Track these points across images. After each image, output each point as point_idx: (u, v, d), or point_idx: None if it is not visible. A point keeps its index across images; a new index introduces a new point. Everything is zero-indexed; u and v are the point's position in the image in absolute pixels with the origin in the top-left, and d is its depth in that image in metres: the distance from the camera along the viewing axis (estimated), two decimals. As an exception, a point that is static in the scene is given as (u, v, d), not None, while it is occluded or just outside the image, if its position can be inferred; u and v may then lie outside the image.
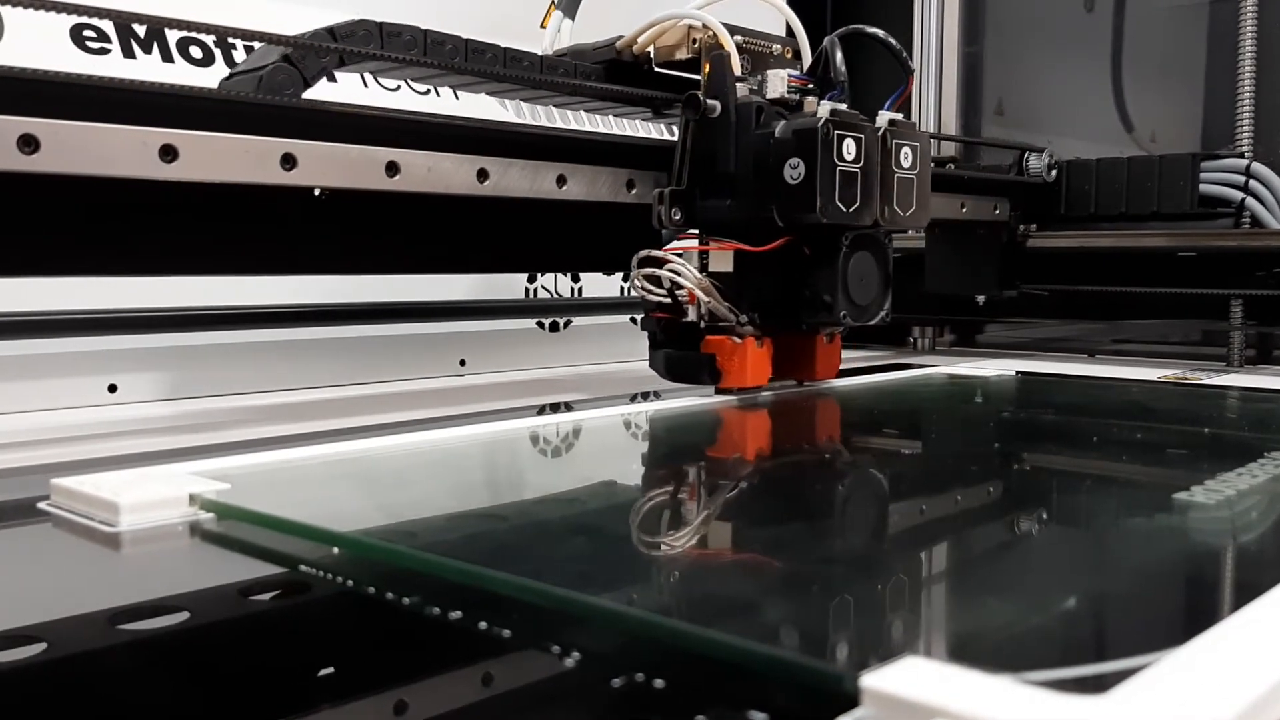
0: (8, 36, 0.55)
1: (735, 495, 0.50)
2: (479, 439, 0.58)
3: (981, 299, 1.14)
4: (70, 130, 0.49)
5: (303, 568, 0.36)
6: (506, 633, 0.30)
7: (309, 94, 0.60)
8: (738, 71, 0.68)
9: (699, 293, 0.66)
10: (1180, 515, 0.42)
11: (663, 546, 0.40)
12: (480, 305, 0.96)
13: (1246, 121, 1.07)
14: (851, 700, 0.24)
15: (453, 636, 0.31)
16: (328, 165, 0.57)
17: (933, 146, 1.27)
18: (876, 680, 0.24)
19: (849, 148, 0.66)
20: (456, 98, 0.85)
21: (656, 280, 0.68)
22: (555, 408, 0.79)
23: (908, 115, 0.71)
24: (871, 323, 0.72)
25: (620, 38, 0.76)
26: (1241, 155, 1.04)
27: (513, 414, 0.70)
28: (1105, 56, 1.25)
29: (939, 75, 1.33)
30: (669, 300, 0.68)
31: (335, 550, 0.38)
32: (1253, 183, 0.99)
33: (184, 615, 0.35)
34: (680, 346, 0.70)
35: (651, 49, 0.75)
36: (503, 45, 0.68)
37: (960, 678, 0.24)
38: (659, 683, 0.27)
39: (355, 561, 0.37)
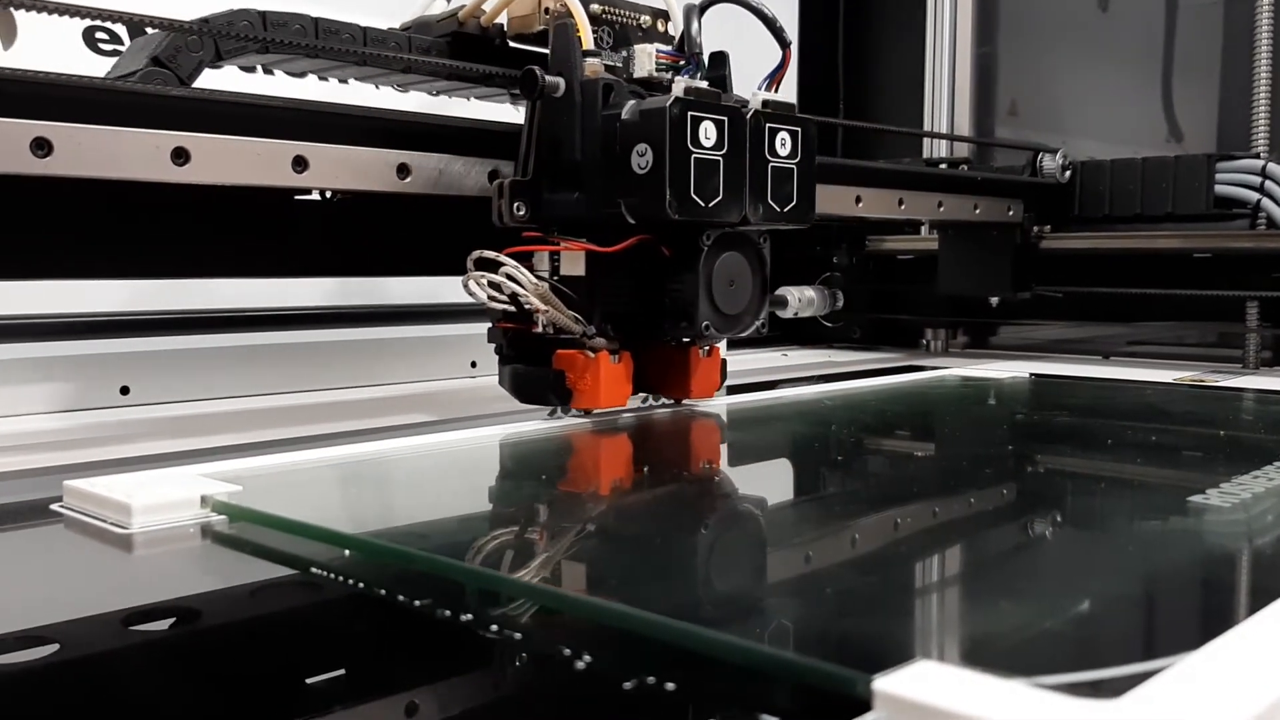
0: (21, 39, 0.55)
1: (752, 497, 0.50)
2: (491, 441, 0.58)
3: (995, 301, 1.14)
4: (82, 133, 0.49)
5: (314, 570, 0.36)
6: (518, 635, 0.30)
7: (326, 96, 0.60)
8: (588, 43, 0.60)
9: (535, 300, 0.58)
10: (1195, 518, 0.42)
11: (679, 547, 0.40)
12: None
13: (1263, 122, 1.07)
14: (864, 704, 0.24)
15: (464, 639, 0.31)
16: (339, 168, 0.57)
17: (946, 147, 1.28)
18: (889, 684, 0.23)
19: (707, 132, 0.57)
20: (469, 100, 0.85)
21: (500, 286, 0.60)
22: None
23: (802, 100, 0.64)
24: (744, 334, 0.63)
25: (462, 7, 0.66)
26: (1257, 156, 1.03)
27: (524, 415, 0.70)
28: (1120, 57, 1.24)
29: (952, 76, 1.33)
30: (514, 309, 0.59)
31: (346, 552, 0.38)
32: (1268, 183, 0.99)
33: (195, 617, 0.35)
34: (530, 361, 0.62)
35: (504, 20, 0.67)
36: (314, 15, 0.61)
37: (973, 681, 0.24)
38: (670, 686, 0.26)
39: (366, 564, 0.37)
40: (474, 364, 0.95)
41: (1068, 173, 1.06)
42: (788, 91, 0.91)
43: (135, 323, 0.71)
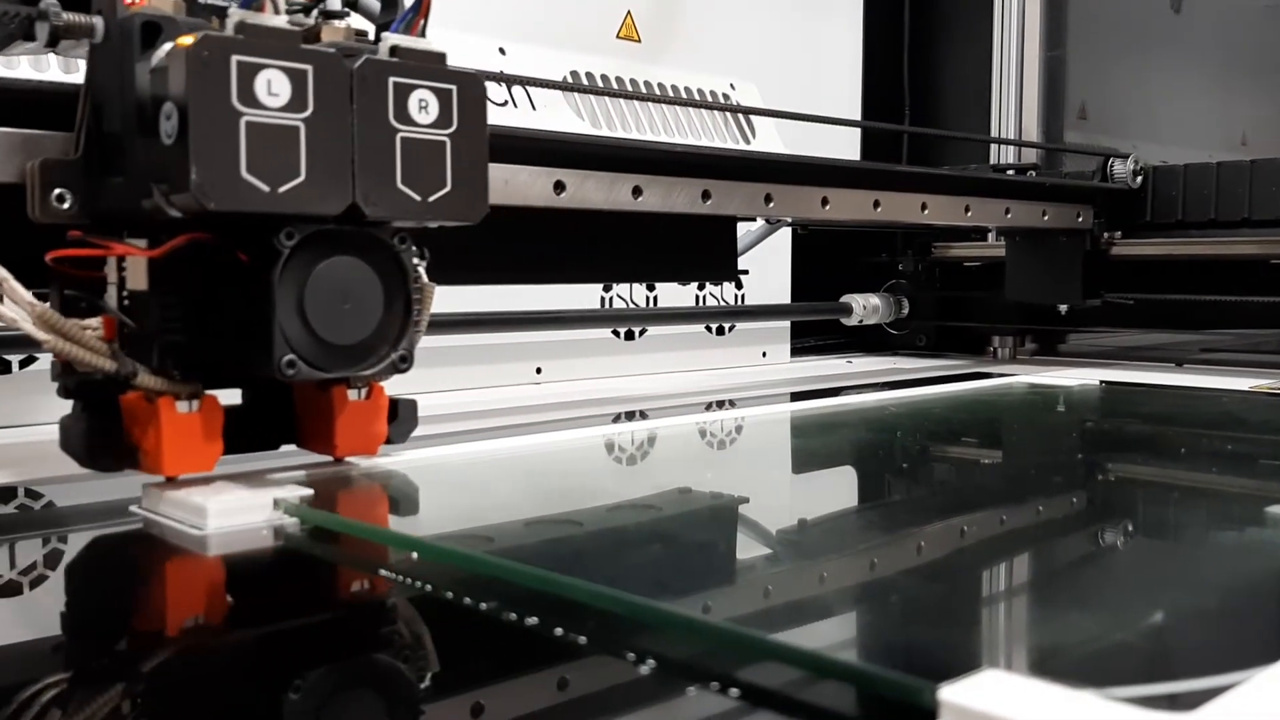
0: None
1: (787, 498, 0.50)
2: (555, 446, 0.59)
3: (1064, 308, 1.12)
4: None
5: (383, 572, 0.37)
6: (582, 639, 0.30)
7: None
8: None
9: (31, 327, 0.42)
10: (1273, 529, 0.41)
11: (739, 553, 0.40)
12: (557, 315, 0.97)
13: (1343, 124, 1.04)
14: (929, 713, 0.24)
15: (529, 642, 0.31)
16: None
17: (1013, 153, 1.26)
18: (955, 693, 0.23)
19: (271, 85, 0.40)
20: (534, 109, 0.86)
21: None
22: (630, 415, 0.79)
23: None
24: (371, 371, 0.45)
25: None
26: (1338, 159, 1.00)
27: (588, 421, 0.70)
28: (1194, 59, 1.22)
29: (1020, 79, 1.31)
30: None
31: (414, 555, 0.38)
32: (1350, 187, 0.96)
33: (267, 617, 0.36)
34: (97, 411, 0.45)
35: None
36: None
37: (1042, 692, 0.23)
38: (734, 691, 0.26)
39: (434, 566, 0.37)
40: (539, 370, 0.96)
41: (1139, 178, 1.05)
42: (850, 96, 0.89)
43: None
